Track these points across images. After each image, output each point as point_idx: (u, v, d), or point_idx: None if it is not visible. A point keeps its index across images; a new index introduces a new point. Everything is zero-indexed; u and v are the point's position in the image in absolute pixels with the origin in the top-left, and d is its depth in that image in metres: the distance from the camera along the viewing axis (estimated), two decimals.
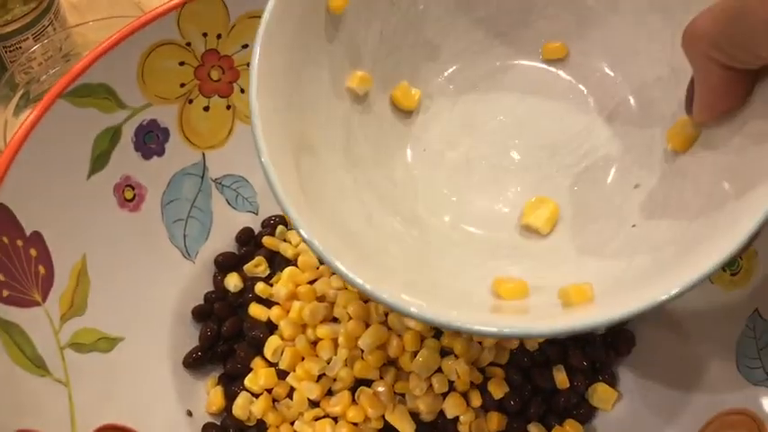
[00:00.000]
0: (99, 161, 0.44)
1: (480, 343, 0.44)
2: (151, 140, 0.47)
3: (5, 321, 0.36)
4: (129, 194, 0.46)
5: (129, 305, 0.44)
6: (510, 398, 0.44)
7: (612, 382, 0.46)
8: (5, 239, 0.38)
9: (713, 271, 0.28)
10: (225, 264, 0.50)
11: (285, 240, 0.51)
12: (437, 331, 0.44)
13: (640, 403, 0.44)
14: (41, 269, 0.40)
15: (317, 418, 0.44)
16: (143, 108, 0.46)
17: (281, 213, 0.53)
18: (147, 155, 0.47)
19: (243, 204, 0.52)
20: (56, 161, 0.41)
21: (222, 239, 0.51)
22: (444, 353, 0.44)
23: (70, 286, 0.41)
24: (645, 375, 0.45)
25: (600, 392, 0.45)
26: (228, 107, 0.51)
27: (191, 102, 0.49)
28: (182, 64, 0.47)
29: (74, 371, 0.39)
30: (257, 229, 0.52)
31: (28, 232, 0.39)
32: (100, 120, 0.44)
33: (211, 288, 0.50)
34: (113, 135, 0.45)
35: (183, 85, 0.48)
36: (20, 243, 0.39)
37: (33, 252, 0.39)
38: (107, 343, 0.42)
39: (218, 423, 0.45)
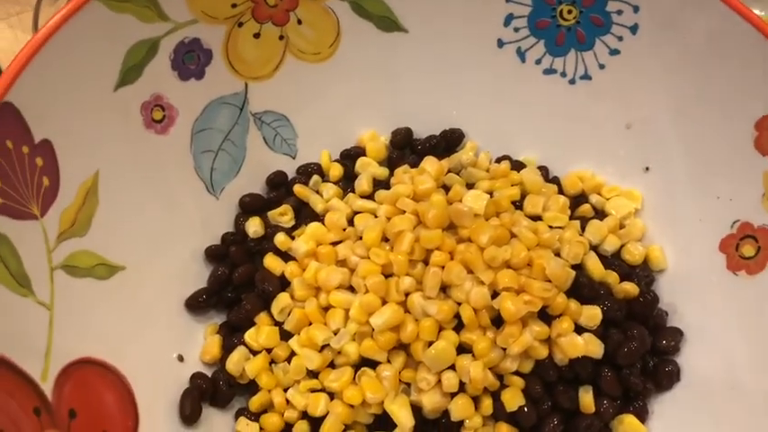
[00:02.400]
0: (130, 74, 0.41)
1: (504, 349, 0.39)
2: (191, 61, 0.44)
3: None
4: (157, 115, 0.43)
5: (138, 233, 0.42)
6: (525, 411, 0.39)
7: (644, 416, 0.41)
8: (9, 143, 0.35)
9: None
10: (250, 205, 0.47)
11: (318, 192, 0.47)
12: (458, 324, 0.40)
13: None
14: (46, 181, 0.37)
15: (312, 390, 0.41)
16: (187, 24, 0.42)
17: (319, 162, 0.48)
18: (184, 75, 0.44)
19: (281, 146, 0.49)
20: (81, 67, 0.38)
21: (252, 179, 0.47)
22: (462, 350, 0.39)
23: (75, 203, 0.38)
24: (684, 418, 0.40)
25: (627, 425, 0.40)
26: (281, 37, 0.46)
27: (240, 25, 0.44)
28: None
29: (61, 295, 0.36)
30: (291, 174, 0.48)
31: (37, 139, 0.36)
32: (137, 29, 0.40)
33: (231, 229, 0.46)
34: (150, 48, 0.41)
35: (234, 6, 0.44)
36: (26, 149, 0.36)
37: (39, 161, 0.37)
38: (105, 270, 0.39)
39: (209, 375, 0.42)
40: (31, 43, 0.36)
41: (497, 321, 0.40)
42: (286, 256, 0.44)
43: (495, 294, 0.40)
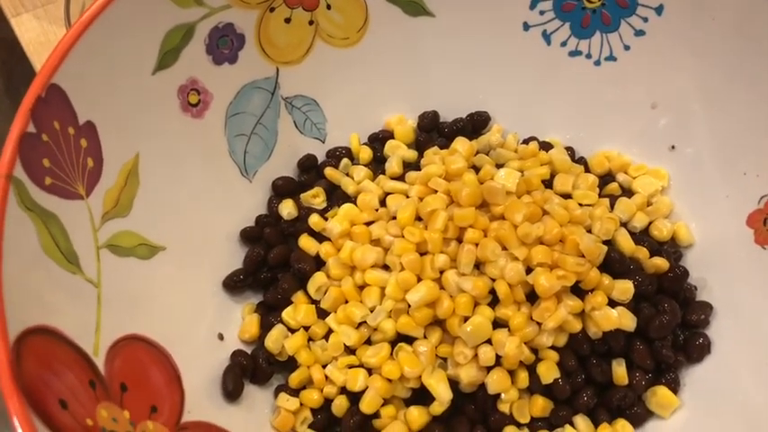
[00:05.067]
0: (167, 58, 0.42)
1: (539, 324, 0.40)
2: (225, 45, 0.44)
3: (44, 210, 0.34)
4: (193, 99, 0.44)
5: (176, 215, 0.42)
6: (560, 384, 0.40)
7: (675, 388, 0.41)
8: (57, 124, 0.36)
9: None
10: (283, 188, 0.47)
11: (348, 175, 0.48)
12: (493, 299, 0.41)
13: (702, 420, 0.40)
14: (90, 162, 0.38)
15: (350, 366, 0.41)
16: (221, 9, 0.43)
17: (348, 145, 0.49)
18: (218, 60, 0.44)
19: (310, 129, 0.49)
20: (121, 51, 0.39)
21: (283, 162, 0.48)
22: (497, 324, 0.40)
23: (118, 184, 0.39)
24: (714, 390, 0.41)
25: (660, 397, 0.41)
26: (311, 23, 0.47)
27: (272, 10, 0.45)
28: None
29: (107, 273, 0.37)
30: (321, 157, 0.49)
31: (81, 121, 0.37)
32: (174, 14, 0.41)
33: (265, 211, 0.47)
34: (186, 33, 0.42)
35: None
36: (71, 131, 0.37)
37: (84, 143, 0.37)
38: (147, 250, 0.40)
39: (249, 352, 0.43)
40: (75, 26, 0.37)
41: (531, 297, 0.41)
42: (320, 237, 0.45)
43: (528, 270, 0.40)
